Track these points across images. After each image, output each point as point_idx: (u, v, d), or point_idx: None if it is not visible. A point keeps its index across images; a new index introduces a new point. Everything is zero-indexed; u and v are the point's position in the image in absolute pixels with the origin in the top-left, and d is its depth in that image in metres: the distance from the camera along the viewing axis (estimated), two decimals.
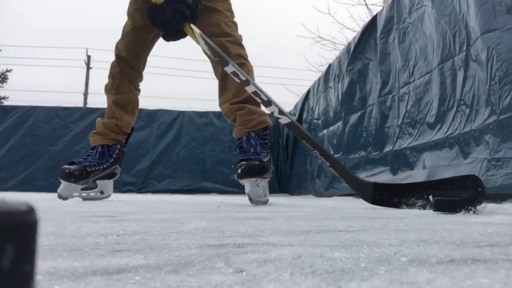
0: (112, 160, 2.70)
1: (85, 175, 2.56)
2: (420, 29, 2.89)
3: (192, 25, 2.21)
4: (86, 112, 7.65)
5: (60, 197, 2.56)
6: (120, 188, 6.58)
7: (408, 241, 0.70)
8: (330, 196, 4.37)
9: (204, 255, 0.57)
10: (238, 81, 2.11)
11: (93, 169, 2.60)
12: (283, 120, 2.06)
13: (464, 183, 1.57)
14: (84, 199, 2.66)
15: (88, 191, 2.71)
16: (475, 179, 1.56)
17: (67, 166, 2.57)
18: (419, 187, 1.81)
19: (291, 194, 6.38)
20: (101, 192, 2.78)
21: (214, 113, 7.60)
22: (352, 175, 2.02)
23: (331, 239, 0.73)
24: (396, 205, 1.78)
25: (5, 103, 17.37)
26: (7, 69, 18.88)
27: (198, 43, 2.22)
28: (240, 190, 7.16)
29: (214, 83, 2.56)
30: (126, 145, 2.84)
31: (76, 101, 22.01)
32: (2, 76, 18.74)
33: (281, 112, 2.07)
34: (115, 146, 2.72)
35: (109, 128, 2.70)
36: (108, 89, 2.70)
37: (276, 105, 2.08)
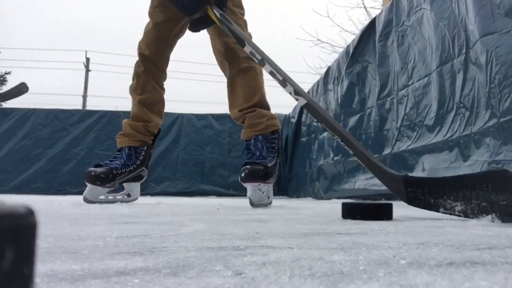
0: (139, 162, 2.61)
1: (111, 178, 2.46)
2: (419, 32, 2.90)
3: (214, 9, 2.07)
4: (85, 115, 7.65)
5: (86, 200, 2.43)
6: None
7: (407, 244, 0.70)
8: (329, 198, 4.37)
9: (203, 257, 0.57)
10: (256, 61, 1.96)
11: (119, 172, 2.50)
12: (301, 101, 1.82)
13: (500, 182, 1.20)
14: (111, 202, 2.52)
15: (115, 194, 2.60)
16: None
17: (92, 169, 2.46)
18: (457, 184, 1.33)
19: (290, 197, 6.38)
20: (128, 195, 2.67)
21: (213, 115, 7.60)
22: (380, 166, 1.68)
23: (330, 242, 0.73)
24: (433, 207, 1.39)
25: (4, 105, 17.35)
26: (6, 71, 18.89)
27: (221, 26, 2.07)
28: (239, 193, 7.17)
29: (213, 86, 2.59)
30: (153, 146, 2.75)
31: (75, 104, 22.02)
32: (1, 79, 18.74)
33: (297, 92, 1.82)
34: (142, 148, 2.64)
35: (135, 129, 2.62)
36: (133, 90, 2.64)
37: (292, 85, 1.85)
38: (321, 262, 0.52)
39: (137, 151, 2.62)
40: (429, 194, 1.43)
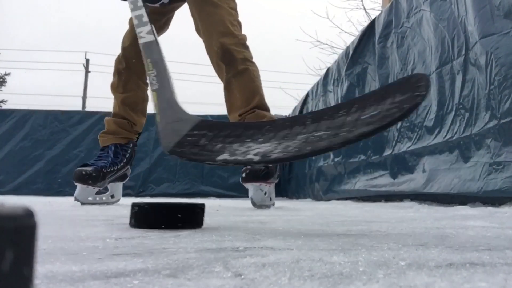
0: (126, 160, 2.53)
1: (102, 177, 2.39)
2: (418, 33, 2.90)
3: None
4: (84, 116, 7.64)
5: (77, 201, 2.39)
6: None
7: (406, 245, 0.70)
8: (329, 200, 4.37)
9: (202, 259, 0.57)
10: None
11: (108, 170, 2.43)
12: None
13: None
14: (97, 204, 2.46)
15: (101, 195, 2.54)
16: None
17: (83, 168, 2.38)
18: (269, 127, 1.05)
19: (290, 198, 6.38)
20: (112, 196, 2.62)
21: (212, 116, 7.60)
22: (174, 103, 1.23)
23: (330, 243, 0.73)
24: (211, 154, 1.02)
25: (4, 106, 17.37)
26: (5, 72, 18.90)
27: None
28: (239, 194, 7.15)
29: (212, 87, 2.57)
30: (137, 145, 2.68)
31: (74, 105, 22.01)
32: (1, 80, 18.74)
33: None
34: (128, 145, 2.56)
35: (121, 126, 2.54)
36: (114, 88, 2.55)
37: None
38: (320, 263, 0.52)
39: (123, 149, 2.55)
40: (220, 138, 1.06)
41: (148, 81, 1.38)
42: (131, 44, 2.48)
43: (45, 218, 1.37)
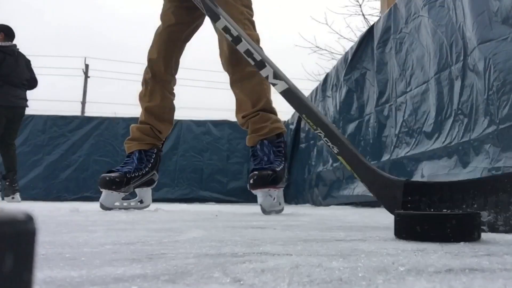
0: (150, 165, 2.58)
1: (126, 182, 2.43)
2: (417, 39, 2.91)
3: None
4: (83, 121, 7.64)
5: (102, 207, 2.41)
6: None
7: (406, 251, 0.70)
8: (328, 205, 4.36)
9: (201, 264, 0.56)
10: (230, 38, 1.83)
11: (133, 175, 2.48)
12: (279, 87, 1.60)
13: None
14: (125, 209, 2.49)
15: (129, 200, 2.57)
16: None
17: (106, 174, 2.44)
18: (486, 188, 1.04)
19: (289, 203, 6.37)
20: (141, 201, 2.65)
21: (212, 122, 7.61)
22: (373, 168, 1.32)
23: (329, 249, 0.73)
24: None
25: None
26: None
27: None
28: (238, 199, 7.12)
29: (213, 92, 2.59)
30: (162, 150, 2.73)
31: (73, 110, 22.02)
32: None
33: (276, 76, 1.64)
34: (152, 151, 2.61)
35: (144, 133, 2.59)
36: (141, 97, 2.62)
37: (272, 67, 1.67)
38: (320, 269, 0.52)
39: (148, 154, 2.59)
40: (439, 203, 1.09)
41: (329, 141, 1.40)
42: (156, 53, 2.55)
43: (43, 224, 1.36)
